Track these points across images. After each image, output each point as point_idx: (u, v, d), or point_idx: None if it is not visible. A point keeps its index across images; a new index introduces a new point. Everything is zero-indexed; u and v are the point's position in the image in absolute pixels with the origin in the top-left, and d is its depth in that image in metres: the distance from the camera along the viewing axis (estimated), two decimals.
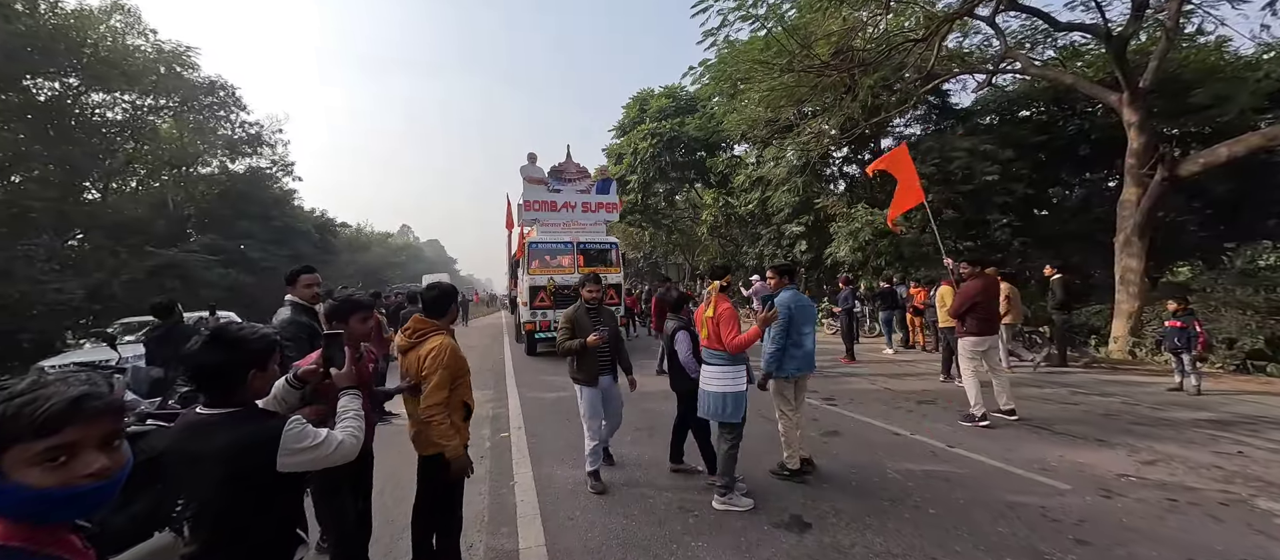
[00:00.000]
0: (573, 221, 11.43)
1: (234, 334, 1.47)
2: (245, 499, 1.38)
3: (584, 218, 11.63)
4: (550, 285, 10.05)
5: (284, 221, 26.92)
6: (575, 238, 10.80)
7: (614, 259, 11.01)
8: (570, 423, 5.29)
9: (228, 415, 1.42)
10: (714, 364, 3.57)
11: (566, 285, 9.94)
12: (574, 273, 10.07)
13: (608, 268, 10.54)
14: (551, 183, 11.64)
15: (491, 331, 18.74)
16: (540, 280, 10.07)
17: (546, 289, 9.97)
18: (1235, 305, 8.53)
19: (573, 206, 11.61)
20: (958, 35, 14.54)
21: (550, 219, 11.32)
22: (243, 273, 22.84)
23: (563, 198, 11.55)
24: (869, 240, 13.39)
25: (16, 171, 18.22)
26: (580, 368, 3.88)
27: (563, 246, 10.63)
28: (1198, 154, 8.44)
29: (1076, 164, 16.81)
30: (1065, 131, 16.05)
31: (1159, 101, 11.07)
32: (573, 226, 11.28)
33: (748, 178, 17.47)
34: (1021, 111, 17.61)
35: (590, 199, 11.84)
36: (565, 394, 6.68)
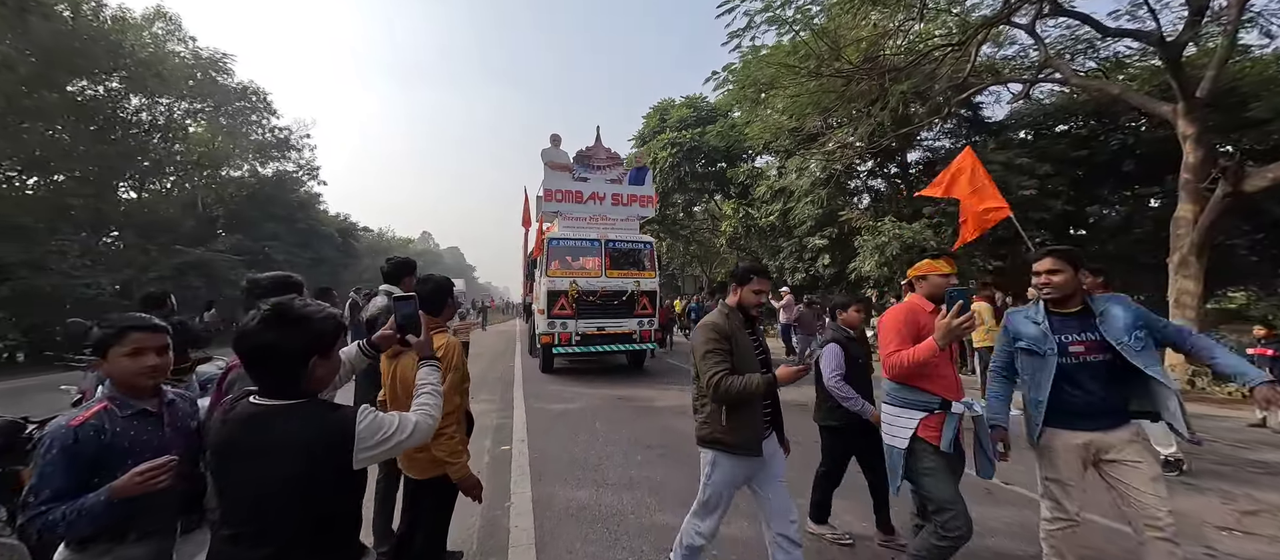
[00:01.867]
0: (601, 216, 9.76)
1: (298, 311, 1.25)
2: (314, 501, 1.19)
3: (614, 212, 9.91)
4: (573, 290, 8.54)
5: (308, 225, 27.43)
6: (603, 235, 9.21)
7: (648, 261, 9.43)
8: (578, 437, 4.96)
9: (289, 407, 1.22)
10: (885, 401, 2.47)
11: (592, 291, 8.64)
12: (601, 275, 8.83)
13: (640, 271, 9.18)
14: (577, 169, 9.95)
15: (506, 338, 18.58)
16: (561, 284, 8.54)
17: (568, 294, 8.50)
18: None
19: (601, 198, 9.85)
20: (992, 46, 14.07)
21: (575, 212, 9.66)
22: (265, 273, 23.20)
23: (590, 188, 9.84)
24: (897, 254, 12.82)
25: (60, 171, 18.92)
26: (733, 424, 2.20)
27: (589, 245, 9.07)
28: (1266, 168, 7.78)
29: (1118, 181, 16.01)
30: (1107, 146, 15.31)
31: (1214, 115, 10.39)
32: (600, 222, 9.69)
33: (769, 188, 17.07)
34: (1058, 125, 16.94)
35: (622, 190, 10.11)
36: (573, 406, 6.36)
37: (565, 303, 8.52)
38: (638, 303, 8.96)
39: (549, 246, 8.82)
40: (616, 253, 9.18)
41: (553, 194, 9.60)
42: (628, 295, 8.91)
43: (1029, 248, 6.73)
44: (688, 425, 3.78)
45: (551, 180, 9.66)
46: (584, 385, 8.20)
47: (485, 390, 7.65)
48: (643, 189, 10.37)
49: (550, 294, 8.49)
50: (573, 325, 8.52)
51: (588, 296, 8.62)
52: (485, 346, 14.92)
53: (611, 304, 8.78)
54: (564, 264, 8.88)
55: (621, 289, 8.89)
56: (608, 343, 8.82)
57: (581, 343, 8.57)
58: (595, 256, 9.06)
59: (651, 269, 9.35)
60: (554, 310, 8.48)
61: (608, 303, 8.75)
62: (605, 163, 10.30)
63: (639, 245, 9.57)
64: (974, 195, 6.42)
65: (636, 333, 8.95)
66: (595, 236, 9.17)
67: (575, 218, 9.59)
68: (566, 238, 9.08)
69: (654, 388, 8.12)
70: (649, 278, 9.21)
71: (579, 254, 9.05)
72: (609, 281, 8.84)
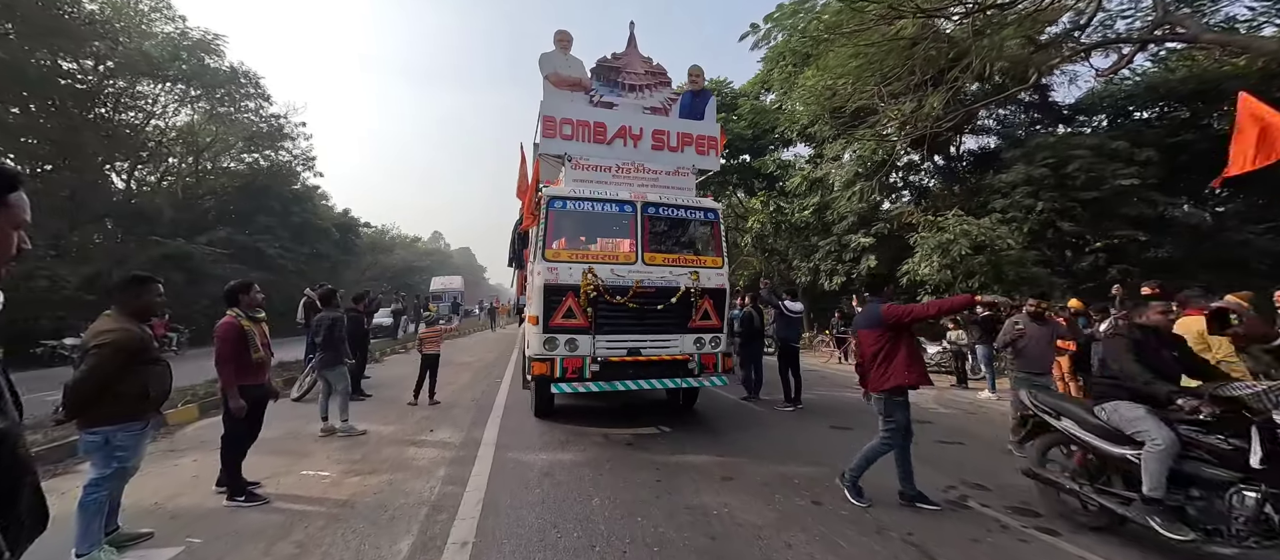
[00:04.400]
0: (635, 164, 5.92)
1: None
2: None
3: (657, 159, 5.98)
4: (588, 285, 5.04)
5: (304, 218, 26.02)
6: (640, 195, 5.64)
7: (713, 241, 5.88)
8: (562, 525, 3.01)
9: None
10: None
11: (619, 288, 5.15)
12: (636, 261, 5.31)
13: (699, 257, 5.70)
14: (598, 89, 6.17)
15: (505, 343, 16.76)
16: (567, 275, 5.08)
17: (580, 292, 5.03)
18: None
19: (636, 136, 5.96)
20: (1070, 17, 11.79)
21: (592, 157, 5.78)
22: (256, 268, 21.77)
23: (618, 118, 5.97)
24: (966, 254, 10.67)
25: (52, 161, 17.63)
26: None
27: (614, 211, 5.56)
28: None
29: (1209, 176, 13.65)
30: (1208, 132, 12.98)
31: None
32: (635, 174, 5.90)
33: (805, 179, 14.98)
34: (1140, 111, 14.65)
35: (669, 125, 6.14)
36: (565, 457, 4.40)
37: (574, 307, 5.01)
38: (696, 308, 5.40)
39: (548, 212, 5.27)
40: (661, 225, 5.71)
41: (556, 125, 5.68)
42: (679, 296, 5.29)
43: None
44: (753, 510, 1.90)
45: (555, 104, 5.83)
46: (587, 420, 5.65)
47: (449, 423, 5.70)
48: (702, 125, 6.31)
49: (549, 291, 4.99)
50: (586, 345, 5.05)
51: (612, 296, 5.08)
52: (478, 355, 13.06)
53: (653, 309, 5.24)
54: (573, 242, 5.41)
55: (670, 284, 5.30)
56: (645, 375, 5.24)
57: (601, 374, 5.06)
58: (625, 231, 5.56)
59: (718, 253, 5.76)
60: (555, 318, 4.98)
61: (646, 307, 5.22)
62: (643, 80, 6.34)
63: (699, 214, 5.90)
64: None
65: (695, 358, 5.36)
66: (627, 197, 5.54)
67: (592, 166, 5.75)
68: (577, 198, 5.43)
69: (697, 434, 5.36)
70: (715, 266, 5.63)
71: (598, 226, 5.60)
72: (649, 272, 5.29)
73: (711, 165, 6.33)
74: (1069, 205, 11.66)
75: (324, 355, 5.28)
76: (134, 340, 2.66)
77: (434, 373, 6.83)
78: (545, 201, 5.36)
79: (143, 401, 2.71)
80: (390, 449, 4.72)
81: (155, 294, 2.92)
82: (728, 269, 5.83)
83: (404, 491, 3.61)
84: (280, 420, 5.69)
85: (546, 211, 5.35)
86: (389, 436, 5.17)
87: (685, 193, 6.01)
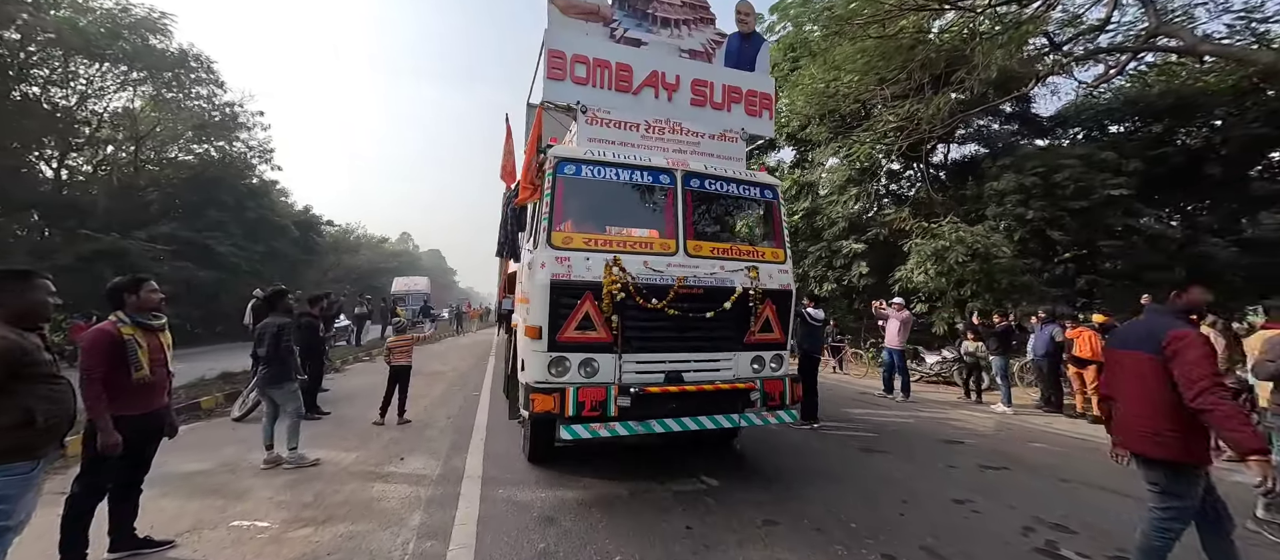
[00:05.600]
0: (668, 121, 4.51)
1: None
2: None
3: (698, 117, 4.65)
4: (613, 282, 3.65)
5: (261, 214, 24.21)
6: (680, 162, 4.28)
7: (773, 228, 4.52)
8: None
9: None
10: None
11: (656, 288, 3.77)
12: (677, 250, 3.96)
13: (755, 247, 4.35)
14: (620, 19, 4.65)
15: (479, 349, 15.77)
16: (583, 266, 3.69)
17: (603, 291, 3.65)
18: None
19: (671, 85, 4.61)
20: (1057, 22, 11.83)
21: (613, 110, 4.38)
22: (204, 267, 20.04)
23: (647, 59, 4.59)
24: (962, 262, 10.45)
25: None
26: None
27: (648, 181, 4.16)
28: None
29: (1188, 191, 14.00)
30: (1182, 148, 13.31)
31: None
32: (668, 135, 4.49)
33: (795, 183, 14.66)
34: (1116, 125, 14.98)
35: (712, 74, 4.80)
36: (569, 495, 3.67)
37: (593, 314, 3.63)
38: (755, 316, 4.02)
39: (556, 180, 3.87)
40: (706, 204, 4.40)
41: (565, 64, 4.21)
42: (736, 299, 3.92)
43: None
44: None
45: (563, 35, 4.30)
46: (593, 467, 4.27)
47: (423, 448, 4.87)
48: (754, 78, 4.95)
49: (558, 291, 3.59)
50: (609, 368, 3.67)
51: (645, 300, 3.68)
52: (451, 364, 12.09)
53: (699, 317, 3.84)
54: (589, 222, 3.95)
55: (723, 284, 3.94)
56: (691, 410, 3.78)
57: (632, 411, 3.61)
58: (660, 210, 4.10)
59: (779, 244, 4.38)
60: (566, 331, 3.59)
61: (692, 315, 3.83)
62: (680, 14, 4.84)
63: (754, 191, 4.47)
64: None
65: (757, 385, 3.96)
66: (663, 164, 4.16)
67: (614, 121, 4.32)
68: (595, 162, 4.01)
69: (712, 459, 4.52)
70: (775, 261, 4.26)
71: (623, 202, 4.13)
72: (694, 266, 3.90)
73: (764, 130, 4.97)
74: (1058, 214, 11.67)
75: (268, 370, 4.37)
76: (12, 350, 1.91)
77: (405, 387, 5.97)
78: (551, 165, 3.81)
79: (27, 431, 1.93)
80: (351, 485, 3.89)
81: (43, 292, 2.13)
82: (789, 259, 4.40)
83: (368, 550, 2.83)
84: (214, 447, 4.78)
85: (553, 179, 3.77)
86: (350, 468, 4.31)
87: (734, 163, 4.52)
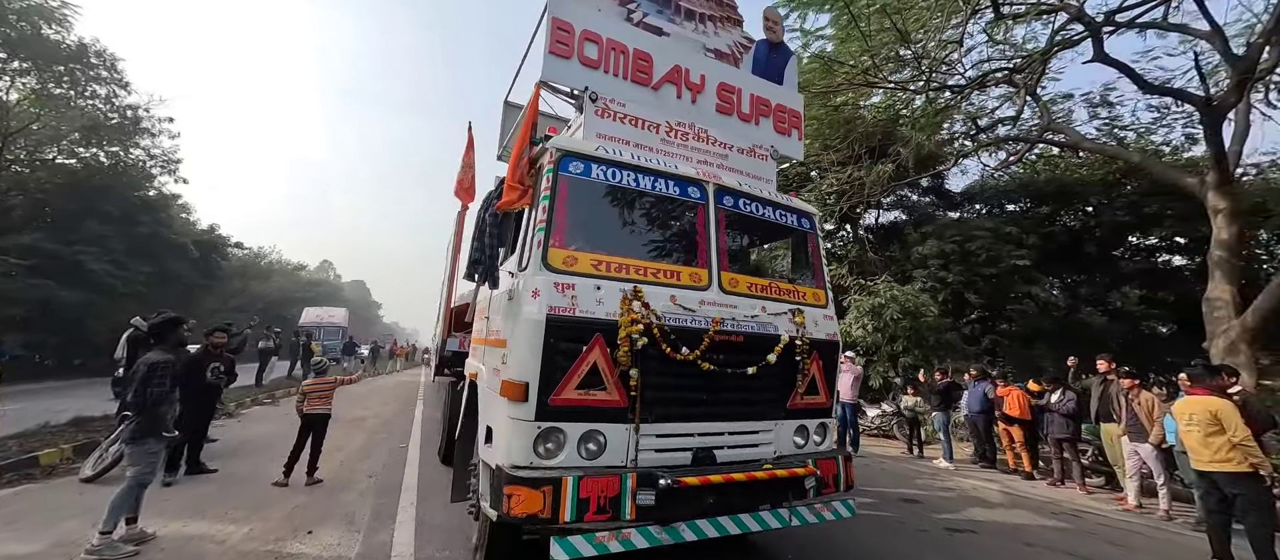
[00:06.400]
0: (692, 127, 3.76)
1: None
2: None
3: (725, 127, 3.99)
4: (632, 322, 2.71)
5: (154, 230, 21.38)
6: (712, 176, 3.46)
7: (813, 265, 3.80)
8: None
9: None
10: None
11: (686, 333, 2.87)
12: (709, 285, 3.11)
13: (798, 287, 3.55)
14: (641, 4, 4.05)
15: (404, 391, 14.35)
16: (590, 296, 2.74)
17: (620, 333, 2.69)
18: None
19: (696, 85, 3.97)
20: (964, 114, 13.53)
21: (628, 105, 3.57)
22: (68, 286, 17.15)
23: (669, 51, 3.94)
24: (896, 319, 11.09)
25: None
26: None
27: (674, 192, 3.27)
28: None
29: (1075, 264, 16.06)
30: (1065, 227, 15.36)
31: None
32: (693, 142, 3.73)
33: None
34: (1012, 205, 17.10)
35: (742, 80, 4.25)
36: None
37: (603, 365, 2.68)
38: (801, 373, 3.29)
39: (557, 180, 2.98)
40: (740, 229, 3.79)
41: (572, 39, 3.54)
42: (780, 351, 3.18)
43: None
44: None
45: (571, 5, 3.63)
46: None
47: (337, 517, 3.99)
48: (783, 92, 4.45)
49: (555, 330, 2.61)
50: (621, 443, 2.72)
51: (670, 347, 2.79)
52: (373, 409, 10.83)
53: (737, 372, 3.00)
54: (598, 241, 2.99)
55: (766, 331, 3.19)
56: (733, 505, 2.84)
57: (657, 511, 2.59)
58: (688, 233, 3.30)
59: (820, 284, 3.70)
60: (563, 390, 2.60)
61: (728, 368, 2.98)
62: (706, 8, 4.32)
63: (791, 218, 3.78)
64: None
65: (811, 466, 3.07)
66: (691, 174, 3.40)
67: (629, 116, 3.56)
68: (610, 163, 3.17)
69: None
70: (817, 304, 3.57)
71: (643, 218, 3.27)
72: (731, 305, 3.13)
73: (794, 151, 4.42)
74: (973, 278, 12.86)
75: (136, 420, 3.46)
76: None
77: (319, 439, 5.12)
78: (553, 159, 2.97)
79: None
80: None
81: None
82: (830, 303, 3.69)
83: None
84: (50, 518, 3.77)
85: (554, 178, 2.92)
86: (238, 545, 3.45)
87: (765, 185, 3.83)
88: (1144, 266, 14.91)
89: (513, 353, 2.70)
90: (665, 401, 2.83)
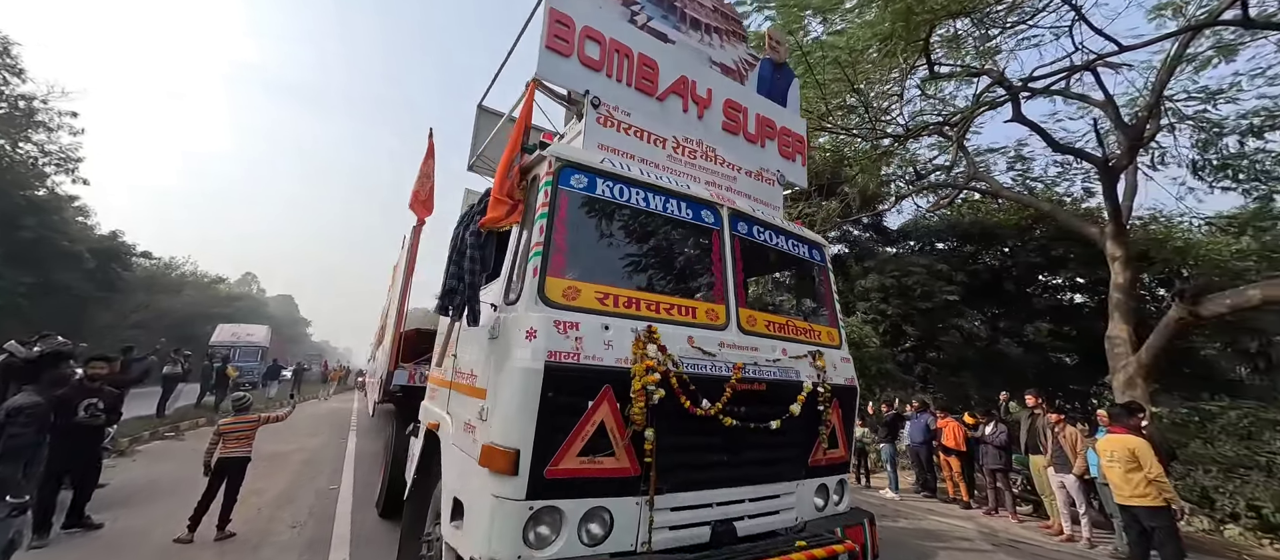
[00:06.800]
0: (700, 144, 3.44)
1: None
2: None
3: (732, 147, 3.67)
4: (647, 368, 2.27)
5: (42, 234, 18.88)
6: (726, 199, 3.15)
7: (826, 302, 3.59)
8: None
9: None
10: None
11: (707, 381, 2.48)
12: (727, 324, 2.77)
13: (814, 326, 3.29)
14: (645, 6, 3.68)
15: (335, 419, 13.19)
16: (596, 338, 2.29)
17: (634, 383, 2.25)
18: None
19: (702, 99, 3.61)
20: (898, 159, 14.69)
21: (631, 109, 3.21)
22: None
23: (674, 60, 3.57)
24: None
25: None
26: None
27: (687, 216, 2.89)
28: (1224, 294, 7.91)
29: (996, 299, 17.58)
30: (987, 266, 16.84)
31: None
32: (699, 162, 3.39)
33: None
34: (940, 243, 18.57)
35: (747, 98, 3.94)
36: None
37: (613, 425, 2.22)
38: (823, 423, 2.95)
39: (556, 194, 2.52)
40: (754, 261, 3.40)
41: (572, 34, 3.10)
42: (804, 401, 2.81)
43: None
44: None
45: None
46: None
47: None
48: (787, 114, 4.24)
49: (556, 382, 2.14)
50: (631, 521, 2.26)
51: (689, 401, 2.36)
52: (297, 441, 9.86)
53: (762, 427, 2.60)
54: (603, 269, 2.63)
55: (788, 377, 2.85)
56: None
57: None
58: (703, 264, 2.95)
59: (834, 322, 3.50)
60: (562, 458, 2.12)
61: (753, 426, 2.57)
62: (711, 18, 4.08)
63: (803, 249, 3.53)
64: None
65: (844, 537, 2.72)
66: (705, 197, 3.04)
67: (633, 127, 3.17)
68: (620, 179, 2.74)
69: None
70: (833, 344, 3.32)
71: (653, 247, 2.87)
72: (752, 348, 2.78)
73: (799, 178, 4.09)
74: (910, 311, 13.70)
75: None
76: None
77: (235, 486, 4.52)
78: (551, 170, 2.55)
79: None
80: None
81: None
82: (845, 343, 3.44)
83: None
84: None
85: (553, 192, 2.50)
86: None
87: (773, 212, 3.56)
88: (1052, 303, 16.50)
89: (498, 409, 2.19)
90: (682, 466, 2.41)
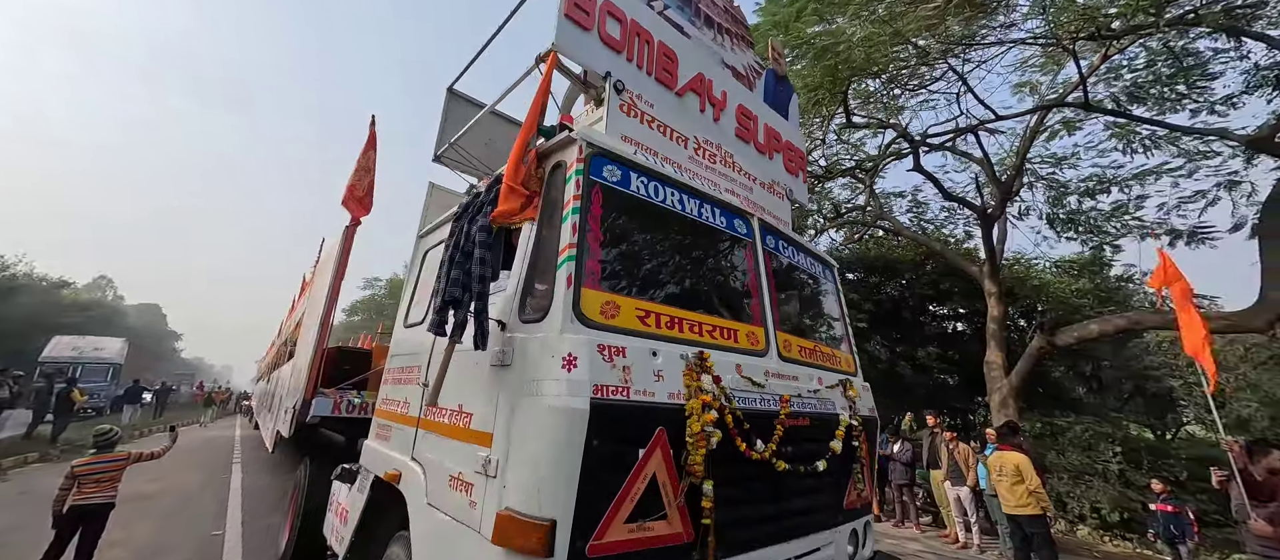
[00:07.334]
0: (717, 148, 3.23)
1: None
2: None
3: (745, 155, 3.50)
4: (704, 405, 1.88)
5: None
6: (755, 207, 3.04)
7: (841, 323, 3.49)
8: None
9: None
10: None
11: (759, 413, 2.18)
12: (767, 350, 2.46)
13: (833, 350, 3.09)
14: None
15: (216, 451, 11.43)
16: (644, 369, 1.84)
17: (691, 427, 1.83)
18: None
19: (718, 100, 3.41)
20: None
21: (653, 101, 2.88)
22: None
23: (691, 55, 3.33)
24: None
25: None
26: None
27: (721, 224, 2.56)
28: (1072, 328, 9.42)
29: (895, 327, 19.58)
30: (888, 296, 18.76)
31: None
32: (718, 166, 3.16)
33: None
34: (849, 273, 20.45)
35: (756, 106, 3.82)
36: None
37: (666, 479, 1.79)
38: (856, 460, 2.74)
39: (589, 186, 2.09)
40: (779, 275, 2.96)
41: (588, 5, 2.75)
42: (842, 435, 2.58)
43: None
44: None
45: None
46: None
47: None
48: (788, 126, 4.12)
49: (604, 427, 1.67)
50: None
51: (743, 441, 2.01)
52: (166, 479, 8.43)
53: (809, 468, 2.30)
54: (639, 280, 2.25)
55: (825, 410, 2.60)
56: None
57: None
58: (738, 279, 2.68)
59: (850, 347, 3.42)
60: (612, 525, 1.67)
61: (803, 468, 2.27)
62: (724, 20, 3.91)
63: (818, 268, 3.47)
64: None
65: None
66: (739, 205, 2.84)
67: (655, 122, 2.85)
68: (650, 175, 2.33)
69: None
70: (849, 370, 3.20)
71: (691, 257, 2.55)
72: (793, 377, 2.50)
73: (801, 194, 3.99)
74: None
75: None
76: None
77: (92, 539, 3.75)
78: (581, 157, 2.12)
79: None
80: None
81: None
82: (860, 371, 3.29)
83: None
84: None
85: (584, 184, 2.07)
86: None
87: (785, 227, 3.35)
88: (939, 331, 18.68)
89: (520, 466, 1.67)
90: (735, 523, 1.97)
